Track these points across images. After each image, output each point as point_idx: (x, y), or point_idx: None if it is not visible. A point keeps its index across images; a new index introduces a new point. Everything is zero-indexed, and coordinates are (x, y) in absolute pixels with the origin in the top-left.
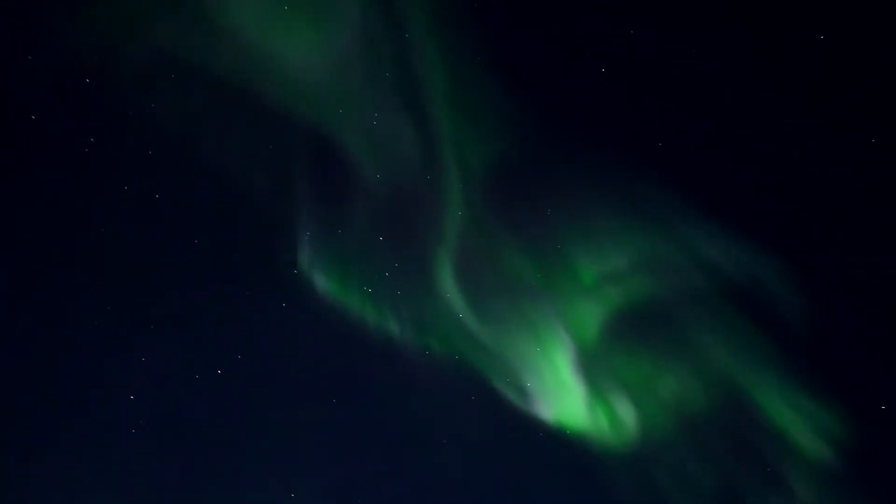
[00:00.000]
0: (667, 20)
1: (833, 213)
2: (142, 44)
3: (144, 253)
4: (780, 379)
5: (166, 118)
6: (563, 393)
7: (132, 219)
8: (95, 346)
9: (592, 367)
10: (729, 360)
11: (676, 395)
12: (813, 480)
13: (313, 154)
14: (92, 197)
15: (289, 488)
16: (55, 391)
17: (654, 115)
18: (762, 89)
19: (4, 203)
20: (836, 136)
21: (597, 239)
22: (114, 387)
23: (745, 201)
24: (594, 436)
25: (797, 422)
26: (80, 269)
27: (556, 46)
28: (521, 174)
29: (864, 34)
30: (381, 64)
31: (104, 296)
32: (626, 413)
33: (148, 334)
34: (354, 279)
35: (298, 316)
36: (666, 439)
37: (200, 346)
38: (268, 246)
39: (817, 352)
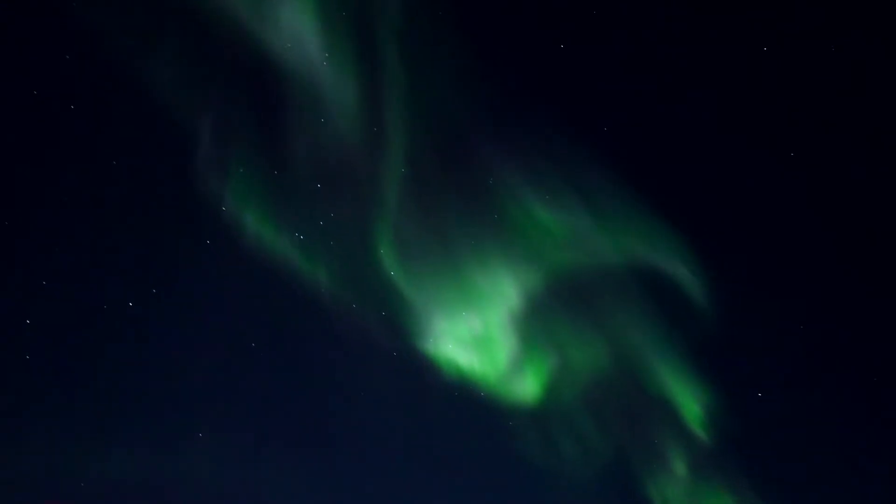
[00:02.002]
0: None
1: (744, 211)
2: None
3: (68, 176)
4: (678, 362)
5: (111, 44)
6: (483, 353)
7: (65, 143)
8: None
9: (514, 331)
10: (635, 337)
11: (585, 363)
12: (688, 455)
13: (257, 89)
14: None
15: (198, 428)
16: None
17: (601, 98)
18: (696, 83)
19: None
20: (757, 140)
21: (532, 212)
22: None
23: (667, 194)
24: (506, 393)
25: (686, 402)
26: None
27: (516, 8)
28: (467, 139)
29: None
30: (337, 4)
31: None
32: (539, 375)
33: (71, 265)
34: (287, 224)
35: (223, 254)
36: (569, 402)
37: (117, 278)
38: (196, 179)
39: (712, 342)
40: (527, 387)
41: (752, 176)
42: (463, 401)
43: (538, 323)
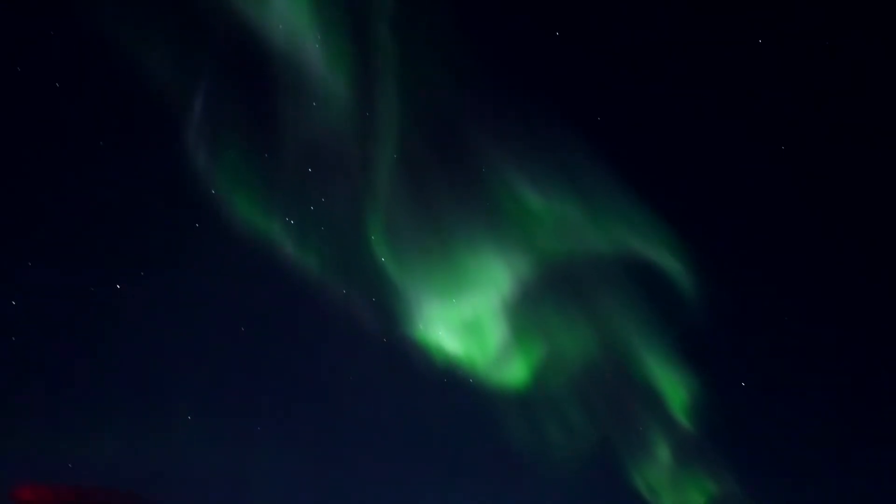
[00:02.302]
0: None
1: (732, 204)
2: None
3: (56, 158)
4: (664, 351)
5: (102, 25)
6: (472, 339)
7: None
8: None
9: (504, 318)
10: (622, 327)
11: (573, 351)
12: (672, 443)
13: (247, 71)
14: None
15: (187, 411)
16: None
17: (594, 89)
18: (688, 76)
19: None
20: (746, 134)
21: (523, 200)
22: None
23: (658, 186)
24: (495, 379)
25: (671, 391)
26: None
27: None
28: (459, 126)
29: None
30: None
31: None
32: (527, 361)
33: (56, 246)
34: (277, 208)
35: (212, 237)
36: (557, 389)
37: (103, 259)
38: (185, 161)
39: (698, 333)
40: (515, 373)
41: (742, 169)
42: (451, 386)
43: (528, 310)
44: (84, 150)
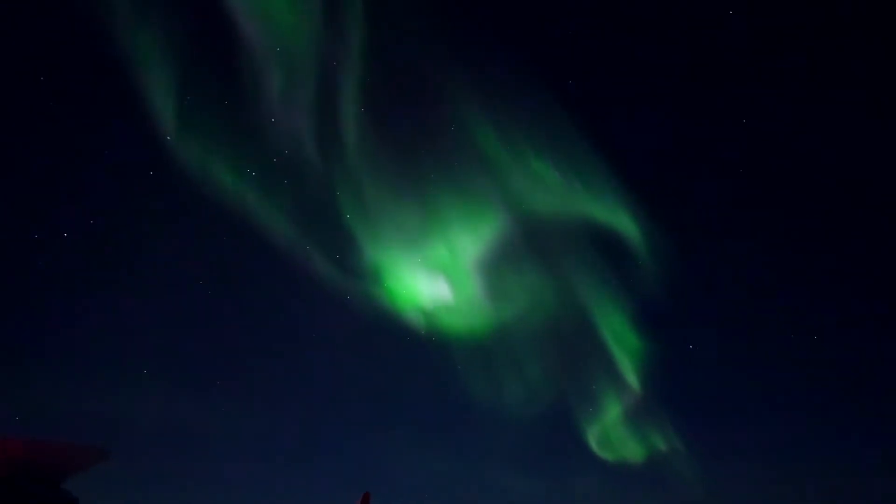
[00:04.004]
0: None
1: (695, 179)
2: None
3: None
4: (618, 315)
5: None
6: (435, 296)
7: None
8: None
9: (467, 275)
10: (582, 289)
11: (534, 308)
12: (622, 400)
13: (208, 11)
14: None
15: (143, 366)
16: None
17: (568, 49)
18: (664, 44)
19: None
20: (713, 109)
21: (492, 158)
22: None
23: (626, 154)
24: (456, 336)
25: (622, 352)
26: None
27: None
28: (428, 80)
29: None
30: None
31: None
32: (489, 318)
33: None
34: (238, 159)
35: (166, 186)
36: (517, 344)
37: (48, 207)
38: (137, 102)
39: (650, 300)
40: (477, 329)
41: (705, 145)
42: (414, 342)
43: (492, 268)
44: (34, 94)
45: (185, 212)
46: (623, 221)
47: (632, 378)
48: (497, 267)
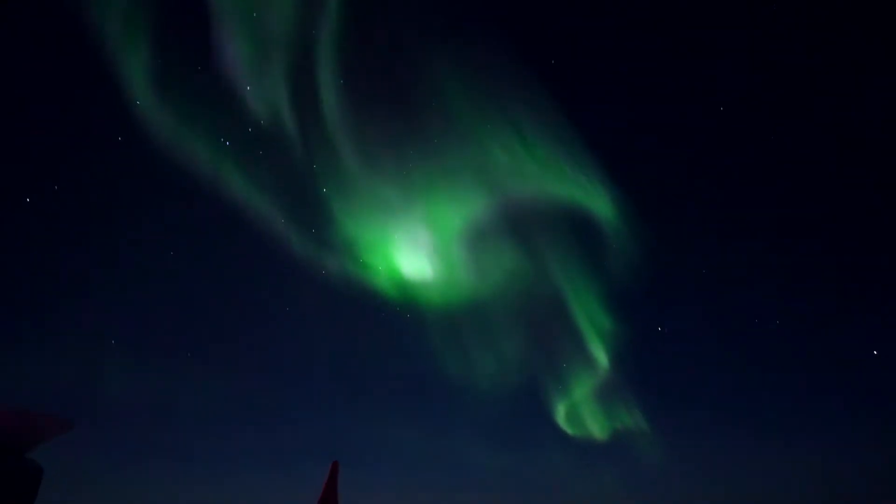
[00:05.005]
0: None
1: (674, 164)
2: None
3: None
4: (592, 297)
5: None
6: (411, 271)
7: None
8: None
9: (443, 252)
10: (559, 271)
11: (513, 287)
12: (590, 380)
13: None
14: None
15: (111, 336)
16: None
17: (549, 32)
18: (642, 28)
19: None
20: (691, 94)
21: (471, 135)
22: None
23: (603, 138)
24: (431, 312)
25: (594, 334)
26: None
27: None
28: (408, 54)
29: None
30: None
31: None
32: (465, 295)
33: None
34: (211, 127)
35: (134, 153)
36: (491, 321)
37: (14, 165)
38: (104, 63)
39: (622, 282)
40: (451, 305)
41: (683, 130)
42: (389, 316)
43: (469, 245)
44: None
45: (155, 180)
46: (600, 204)
47: (601, 357)
48: (474, 244)
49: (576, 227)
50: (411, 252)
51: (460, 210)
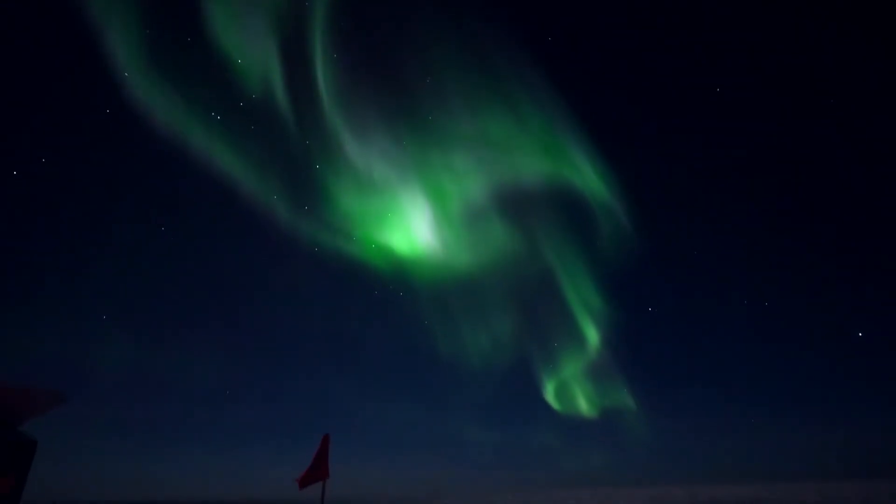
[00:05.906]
0: None
1: (669, 150)
2: None
3: None
4: (585, 278)
5: None
6: (404, 251)
7: None
8: None
9: (435, 233)
10: (551, 253)
11: (507, 267)
12: (580, 360)
13: None
14: None
15: (102, 311)
16: None
17: (551, 22)
18: (638, 17)
19: None
20: (686, 81)
21: (462, 116)
22: None
23: (599, 126)
24: (423, 291)
25: (585, 314)
26: None
27: None
28: (402, 32)
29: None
30: None
31: None
32: (460, 272)
33: None
34: (202, 100)
35: (125, 128)
36: (485, 299)
37: (10, 141)
38: (93, 38)
39: (614, 264)
40: (445, 283)
41: (680, 116)
42: (382, 293)
43: (464, 223)
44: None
45: (143, 154)
46: (593, 185)
47: (592, 336)
48: (468, 222)
49: (569, 208)
50: (404, 229)
51: (454, 188)
